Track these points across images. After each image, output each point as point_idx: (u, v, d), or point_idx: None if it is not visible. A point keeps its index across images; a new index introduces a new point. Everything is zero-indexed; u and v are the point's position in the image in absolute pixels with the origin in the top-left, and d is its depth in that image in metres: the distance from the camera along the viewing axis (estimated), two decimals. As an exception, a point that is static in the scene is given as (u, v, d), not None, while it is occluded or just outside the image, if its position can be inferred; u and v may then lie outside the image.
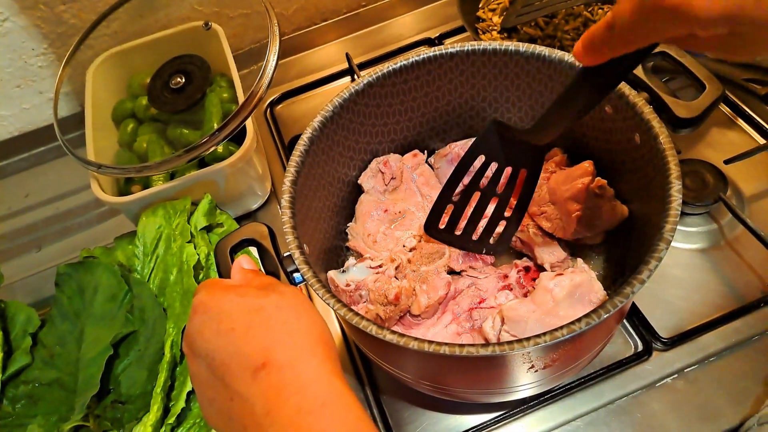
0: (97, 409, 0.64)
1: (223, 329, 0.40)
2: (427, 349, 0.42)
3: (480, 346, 0.41)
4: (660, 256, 0.43)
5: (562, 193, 0.60)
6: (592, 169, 0.59)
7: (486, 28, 0.90)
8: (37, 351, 0.70)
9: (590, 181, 0.59)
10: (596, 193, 0.59)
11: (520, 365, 0.47)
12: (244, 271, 0.47)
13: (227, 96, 0.83)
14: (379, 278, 0.59)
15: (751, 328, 0.64)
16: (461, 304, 0.59)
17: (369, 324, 0.43)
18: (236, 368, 0.38)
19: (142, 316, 0.68)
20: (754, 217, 0.69)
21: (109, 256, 0.75)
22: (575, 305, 0.52)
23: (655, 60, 0.61)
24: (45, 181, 0.97)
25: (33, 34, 0.91)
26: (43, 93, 0.98)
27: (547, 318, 0.52)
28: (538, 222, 0.63)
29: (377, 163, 0.69)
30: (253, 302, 0.41)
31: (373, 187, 0.68)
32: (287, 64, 1.03)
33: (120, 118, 0.86)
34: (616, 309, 0.42)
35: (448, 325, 0.58)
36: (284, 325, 0.40)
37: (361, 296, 0.59)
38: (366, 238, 0.65)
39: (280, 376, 0.37)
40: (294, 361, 0.38)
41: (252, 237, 0.51)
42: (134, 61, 0.87)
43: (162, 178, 0.77)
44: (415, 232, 0.65)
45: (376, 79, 0.63)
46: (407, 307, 0.59)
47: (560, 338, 0.41)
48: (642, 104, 0.54)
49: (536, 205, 0.63)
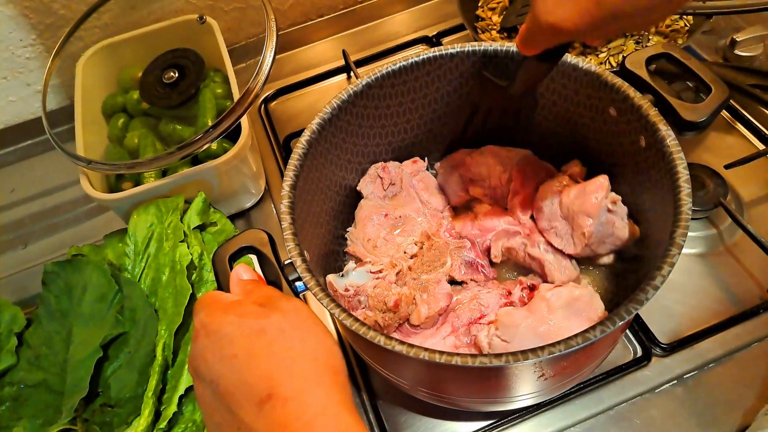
0: (85, 413, 0.63)
1: (225, 355, 0.39)
2: (439, 359, 0.40)
3: (493, 356, 0.40)
4: (672, 261, 0.43)
5: (573, 208, 0.58)
6: (607, 183, 0.57)
7: (485, 27, 0.89)
8: (23, 351, 0.68)
9: (604, 196, 0.57)
10: (609, 209, 0.57)
11: (531, 374, 0.46)
12: (243, 283, 0.45)
13: (221, 92, 0.82)
14: (379, 284, 0.58)
15: (750, 335, 0.64)
16: (461, 317, 0.58)
17: (377, 335, 0.42)
18: (241, 398, 0.37)
19: (133, 317, 0.66)
20: (753, 223, 0.69)
21: (98, 254, 0.73)
22: (571, 317, 0.51)
23: (659, 62, 0.60)
24: (32, 175, 0.95)
25: (21, 24, 0.89)
26: (31, 85, 0.96)
27: (539, 326, 0.51)
28: (548, 238, 0.61)
29: (376, 169, 0.68)
30: (254, 324, 0.39)
31: (372, 192, 0.67)
32: (282, 60, 1.02)
33: (110, 112, 0.84)
34: (631, 316, 0.41)
35: (446, 336, 0.57)
36: (288, 351, 0.38)
37: (359, 302, 0.58)
38: (366, 243, 0.64)
39: (285, 409, 0.36)
40: (299, 392, 0.37)
41: (251, 244, 0.49)
42: (125, 55, 0.86)
43: (154, 174, 0.75)
44: (416, 239, 0.63)
45: (375, 80, 0.62)
46: (407, 315, 0.58)
47: (575, 347, 0.40)
48: (647, 107, 0.53)
49: (547, 221, 0.61)
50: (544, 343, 0.48)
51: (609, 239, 0.58)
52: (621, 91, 0.55)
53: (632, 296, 0.42)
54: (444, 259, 0.61)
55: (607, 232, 0.57)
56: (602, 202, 0.56)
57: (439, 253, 0.62)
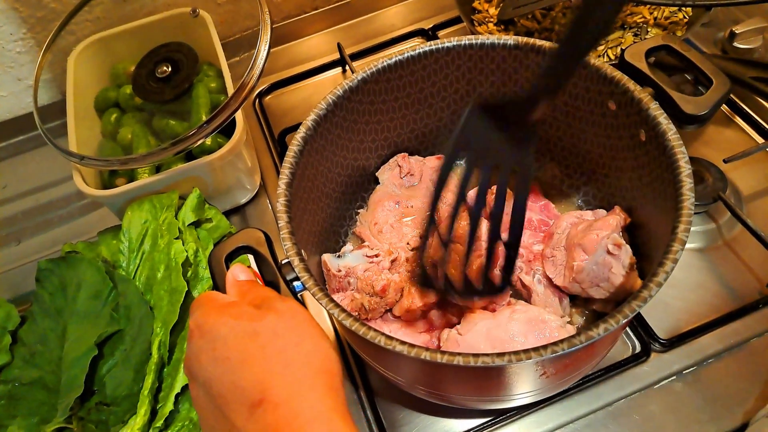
0: (80, 411, 0.62)
1: (218, 357, 0.38)
2: (440, 360, 0.40)
3: (495, 355, 0.39)
4: (676, 257, 0.42)
5: (575, 240, 0.56)
6: (614, 224, 0.55)
7: (482, 19, 0.88)
8: (17, 349, 0.67)
9: (606, 235, 0.54)
10: (609, 250, 0.53)
11: (532, 372, 0.45)
12: (240, 284, 0.45)
13: (215, 86, 0.81)
14: (371, 268, 0.57)
15: (749, 330, 0.63)
16: (442, 318, 0.57)
17: (377, 335, 0.41)
18: (233, 401, 0.37)
19: (128, 314, 0.65)
20: (752, 217, 0.68)
21: (92, 251, 0.72)
22: (528, 334, 0.51)
23: (658, 55, 0.60)
24: (24, 171, 0.94)
25: (11, 18, 0.87)
26: (22, 80, 0.95)
27: (493, 330, 0.51)
28: (545, 265, 0.59)
29: (396, 158, 0.68)
30: (248, 326, 0.39)
31: (387, 178, 0.67)
32: (276, 53, 1.01)
33: (103, 107, 0.83)
34: (634, 313, 0.40)
35: (421, 332, 0.57)
36: (281, 354, 0.38)
37: (349, 283, 0.58)
38: (372, 227, 0.64)
39: (276, 415, 0.35)
40: (291, 397, 0.36)
41: (248, 244, 0.48)
42: (118, 49, 0.84)
43: (147, 170, 0.74)
44: (421, 231, 0.63)
45: (371, 75, 0.61)
46: (393, 302, 0.57)
47: (578, 345, 0.39)
48: (648, 100, 0.52)
49: (551, 248, 0.59)
50: (492, 347, 0.49)
51: (603, 284, 0.54)
52: (621, 84, 0.54)
53: (635, 293, 0.41)
54: (443, 257, 0.61)
55: (602, 275, 0.54)
56: (602, 241, 0.54)
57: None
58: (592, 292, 0.55)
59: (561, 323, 0.51)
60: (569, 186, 0.67)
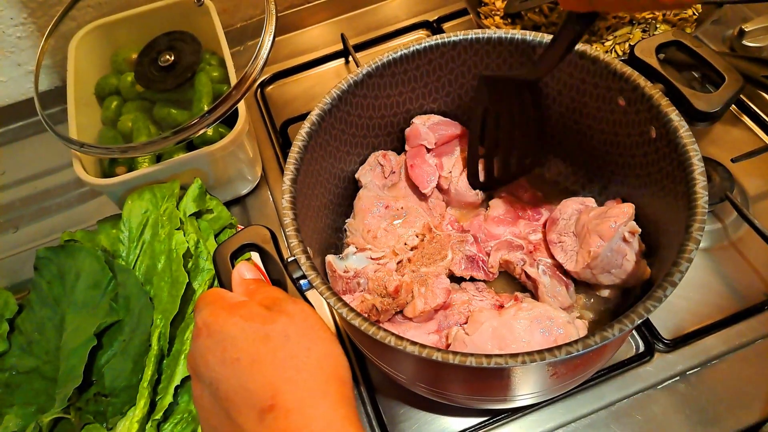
0: (78, 402, 0.61)
1: (228, 358, 0.37)
2: (453, 360, 0.39)
3: (509, 356, 0.38)
4: (690, 257, 0.42)
5: (589, 226, 0.56)
6: (630, 212, 0.55)
7: (488, 12, 0.87)
8: (15, 337, 0.66)
9: (623, 223, 0.54)
10: (624, 238, 0.54)
11: (543, 372, 0.45)
12: (246, 283, 0.44)
13: (217, 75, 0.80)
14: (381, 269, 0.56)
15: (754, 331, 0.63)
16: (449, 318, 0.57)
17: (387, 335, 0.40)
18: (242, 405, 0.36)
19: (127, 305, 0.64)
20: (759, 217, 0.68)
21: (91, 240, 0.71)
22: (534, 332, 0.51)
23: (669, 51, 0.59)
24: (23, 158, 0.93)
25: (12, 3, 0.86)
26: (22, 65, 0.94)
27: (499, 328, 0.50)
28: (553, 250, 0.59)
29: (376, 157, 0.66)
30: (260, 329, 0.38)
31: (371, 181, 0.65)
32: (279, 43, 0.99)
33: (104, 94, 0.81)
34: (648, 314, 0.40)
35: (430, 333, 0.56)
36: (293, 359, 0.37)
37: (359, 284, 0.57)
38: (365, 235, 0.62)
39: (288, 421, 0.35)
40: (303, 404, 0.35)
41: (253, 241, 0.47)
42: (120, 35, 0.83)
43: (148, 160, 0.73)
44: (418, 231, 0.62)
45: (375, 69, 0.60)
46: (404, 304, 0.57)
47: (593, 346, 0.38)
48: (659, 96, 0.52)
49: (557, 234, 0.59)
50: (498, 345, 0.49)
51: (615, 270, 0.55)
52: (631, 80, 0.54)
53: (650, 293, 0.41)
54: (445, 253, 0.60)
55: (616, 261, 0.55)
56: (619, 228, 0.54)
57: (440, 246, 0.61)
58: (602, 278, 0.55)
59: (569, 319, 0.51)
60: (575, 183, 0.67)
